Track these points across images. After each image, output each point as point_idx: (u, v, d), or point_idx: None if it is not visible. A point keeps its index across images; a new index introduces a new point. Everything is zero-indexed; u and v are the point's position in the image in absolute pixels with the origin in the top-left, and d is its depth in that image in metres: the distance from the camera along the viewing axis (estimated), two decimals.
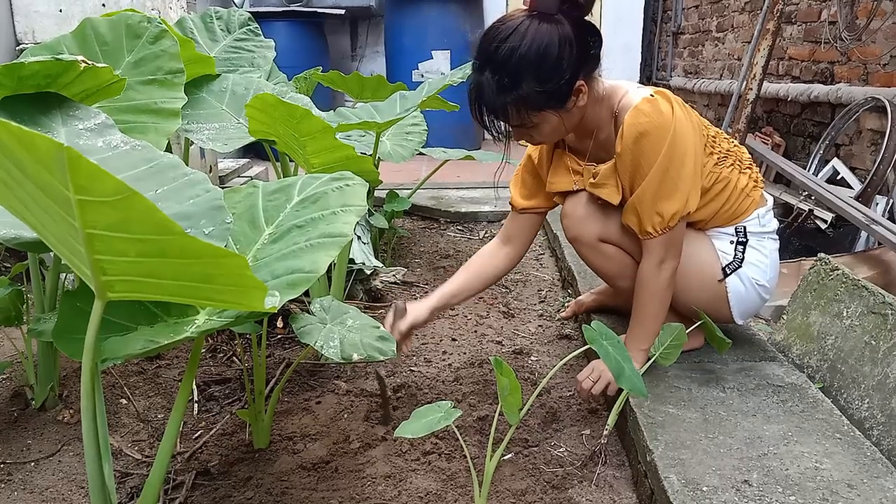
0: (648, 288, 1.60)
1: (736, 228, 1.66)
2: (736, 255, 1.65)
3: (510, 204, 1.83)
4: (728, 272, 1.65)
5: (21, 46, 2.97)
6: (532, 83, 1.44)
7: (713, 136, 1.64)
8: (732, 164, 1.64)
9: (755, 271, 1.66)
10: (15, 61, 1.23)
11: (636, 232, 1.58)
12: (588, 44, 1.48)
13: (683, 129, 1.49)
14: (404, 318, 1.71)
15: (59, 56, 1.25)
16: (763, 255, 1.67)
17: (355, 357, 1.38)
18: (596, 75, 1.56)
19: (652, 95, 1.51)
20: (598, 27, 1.52)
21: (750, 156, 1.73)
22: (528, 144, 1.72)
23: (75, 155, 0.65)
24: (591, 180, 1.62)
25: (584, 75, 1.50)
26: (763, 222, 1.68)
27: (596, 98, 1.57)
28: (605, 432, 1.52)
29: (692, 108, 1.64)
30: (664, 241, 1.55)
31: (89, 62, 1.27)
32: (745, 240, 1.66)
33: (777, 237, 1.73)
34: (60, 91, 1.32)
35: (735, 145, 1.69)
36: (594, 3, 1.48)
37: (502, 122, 1.55)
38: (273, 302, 0.94)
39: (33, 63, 1.22)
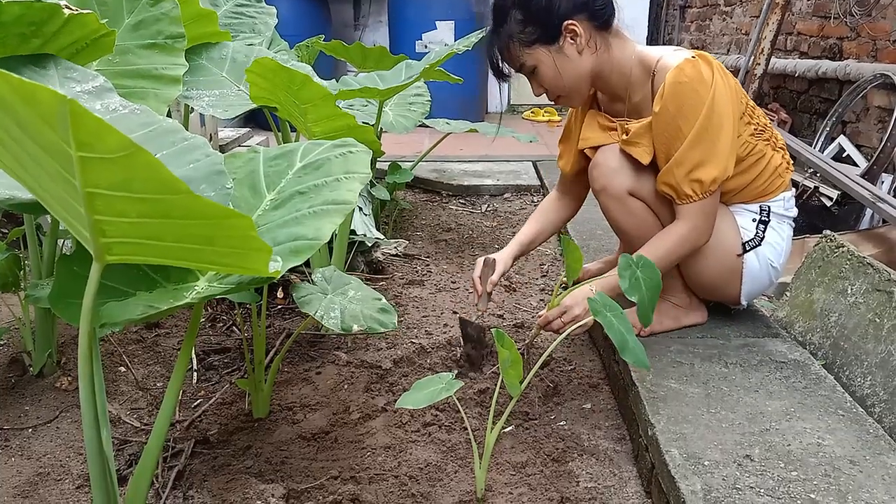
0: (675, 249, 1.56)
1: (760, 207, 1.65)
2: (757, 232, 1.64)
3: (559, 168, 1.90)
4: (747, 248, 1.64)
5: (7, 0, 2.91)
6: (518, 16, 1.54)
7: (752, 108, 1.61)
8: (767, 140, 1.62)
9: (771, 252, 1.65)
10: None
11: (673, 197, 1.55)
12: None
13: (722, 94, 1.48)
14: (495, 270, 1.80)
15: None
16: (780, 238, 1.66)
17: (355, 328, 1.37)
18: (617, 30, 1.59)
19: (693, 57, 1.49)
20: None
21: (784, 139, 1.70)
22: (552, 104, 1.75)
23: (79, 109, 0.63)
24: (624, 137, 1.60)
25: (588, 19, 1.54)
26: (787, 206, 1.67)
27: (615, 54, 1.58)
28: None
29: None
30: (702, 208, 1.54)
31: (74, 8, 1.24)
32: (767, 219, 1.64)
33: (794, 224, 1.71)
34: (47, 43, 1.29)
35: (770, 124, 1.66)
36: None
37: (503, 65, 1.63)
38: (276, 266, 0.92)
39: (13, 5, 1.18)
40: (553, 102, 1.69)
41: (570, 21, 1.52)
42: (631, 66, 1.59)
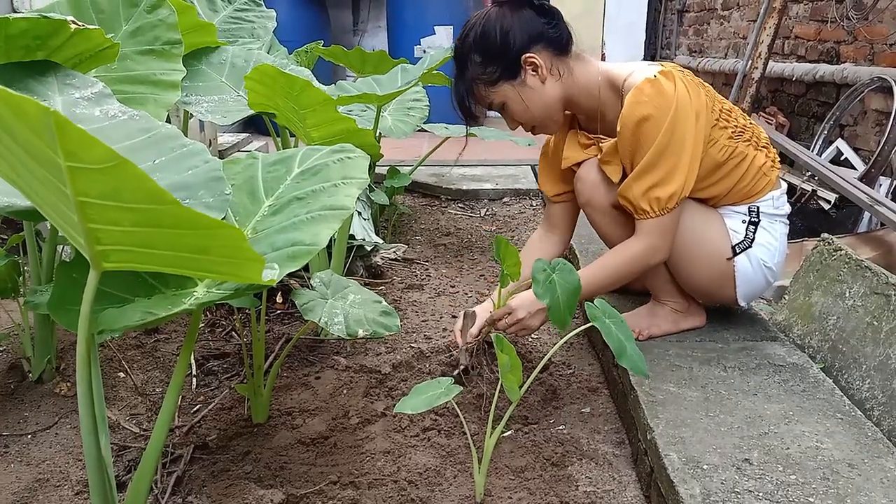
0: (627, 266, 1.58)
1: (749, 208, 1.64)
2: (747, 234, 1.63)
3: (542, 193, 1.89)
4: (737, 251, 1.64)
5: (15, 16, 2.92)
6: (476, 58, 1.58)
7: (728, 111, 1.61)
8: (749, 141, 1.62)
9: (764, 253, 1.64)
10: (0, 16, 1.20)
11: (631, 212, 1.56)
12: (541, 23, 1.55)
13: (684, 110, 1.47)
14: (475, 323, 1.73)
15: (48, 14, 1.23)
16: (773, 238, 1.65)
17: (361, 333, 1.37)
18: (577, 53, 1.61)
19: (655, 76, 1.49)
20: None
21: (767, 136, 1.70)
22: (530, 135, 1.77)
23: (63, 120, 0.64)
24: (599, 155, 1.63)
25: (546, 48, 1.56)
26: (777, 205, 1.66)
27: (579, 78, 1.60)
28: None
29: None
30: (659, 225, 1.54)
31: (80, 24, 1.25)
32: (757, 220, 1.64)
33: (788, 222, 1.71)
34: (52, 55, 1.29)
35: (752, 123, 1.66)
36: None
37: (473, 107, 1.66)
38: (272, 275, 0.93)
39: (20, 20, 1.19)
40: (532, 135, 1.72)
41: (528, 54, 1.55)
42: (598, 86, 1.60)
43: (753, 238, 1.63)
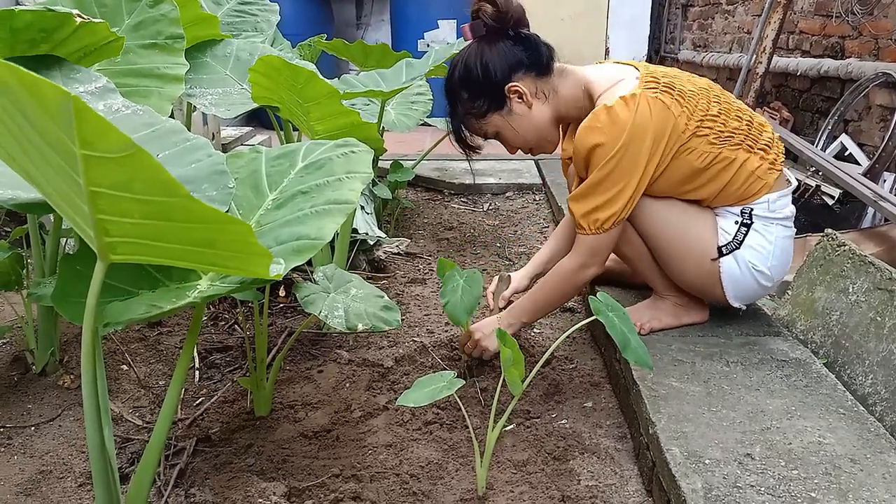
0: (561, 283, 1.66)
1: (742, 210, 1.62)
2: (736, 236, 1.62)
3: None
4: (724, 252, 1.62)
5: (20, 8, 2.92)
6: (464, 94, 1.64)
7: (714, 116, 1.56)
8: (739, 144, 1.58)
9: (754, 256, 1.62)
10: (5, 8, 1.20)
11: (574, 222, 1.62)
12: (519, 51, 1.60)
13: (638, 137, 1.49)
14: (509, 286, 1.91)
15: (53, 7, 1.23)
16: (767, 241, 1.62)
17: (360, 327, 1.37)
18: (560, 69, 1.64)
19: (612, 105, 1.50)
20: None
21: (771, 136, 1.66)
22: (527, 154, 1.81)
23: (83, 106, 0.63)
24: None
25: (527, 73, 1.61)
26: (773, 207, 1.62)
27: (564, 94, 1.65)
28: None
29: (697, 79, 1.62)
30: (593, 243, 1.59)
31: (85, 17, 1.25)
32: (749, 222, 1.62)
33: (790, 226, 1.67)
34: (56, 48, 1.30)
35: (749, 124, 1.62)
36: (518, 17, 1.60)
37: (468, 140, 1.74)
38: (278, 269, 0.93)
39: (25, 13, 1.20)
40: (531, 156, 1.76)
41: (510, 84, 1.60)
42: (582, 96, 1.64)
43: (742, 240, 1.61)
